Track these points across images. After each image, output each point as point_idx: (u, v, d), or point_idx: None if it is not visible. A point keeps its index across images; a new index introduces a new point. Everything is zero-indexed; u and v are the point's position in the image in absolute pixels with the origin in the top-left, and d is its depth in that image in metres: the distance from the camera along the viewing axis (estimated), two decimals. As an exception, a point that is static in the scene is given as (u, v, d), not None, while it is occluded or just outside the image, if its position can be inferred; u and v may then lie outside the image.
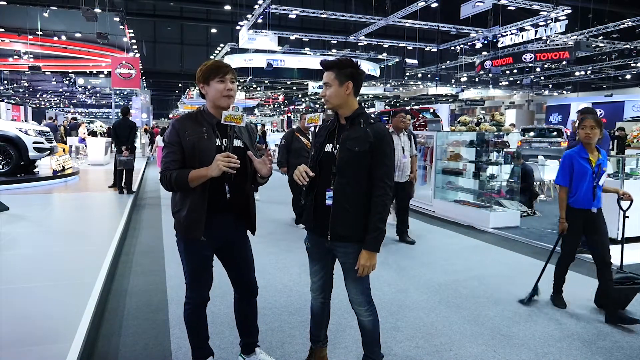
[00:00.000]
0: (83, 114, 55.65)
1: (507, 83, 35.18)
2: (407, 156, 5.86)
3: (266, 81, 34.47)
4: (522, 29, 20.32)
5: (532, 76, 29.80)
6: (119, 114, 10.08)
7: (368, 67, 27.55)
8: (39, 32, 21.51)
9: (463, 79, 32.89)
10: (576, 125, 5.57)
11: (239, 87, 35.38)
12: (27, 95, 43.29)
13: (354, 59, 2.34)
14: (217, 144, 2.29)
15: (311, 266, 2.52)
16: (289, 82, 36.29)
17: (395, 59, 30.13)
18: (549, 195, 9.80)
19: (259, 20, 20.65)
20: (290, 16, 21.42)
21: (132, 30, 23.05)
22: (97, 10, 16.04)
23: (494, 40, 21.66)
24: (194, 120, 2.31)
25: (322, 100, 2.34)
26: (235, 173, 2.22)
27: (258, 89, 39.46)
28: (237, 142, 2.35)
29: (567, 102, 26.57)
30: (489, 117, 7.63)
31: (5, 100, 29.97)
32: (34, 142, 9.80)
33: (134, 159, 8.86)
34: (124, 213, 6.78)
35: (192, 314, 2.45)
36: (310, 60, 26.01)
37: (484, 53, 25.16)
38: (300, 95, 42.35)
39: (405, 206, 6.12)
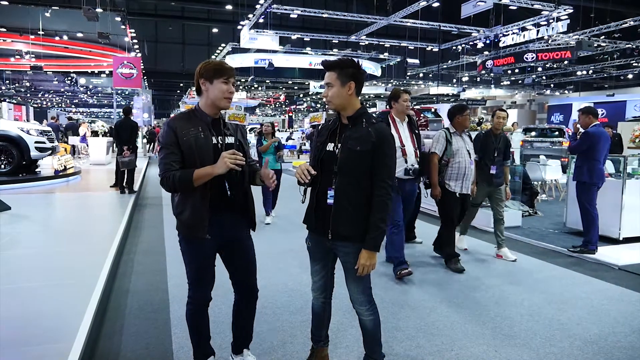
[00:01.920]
0: (85, 114, 55.78)
1: (508, 83, 35.16)
2: (473, 161, 4.75)
3: (267, 81, 34.51)
4: (523, 29, 20.29)
5: (534, 76, 29.76)
6: (121, 113, 10.09)
7: (368, 66, 27.52)
8: (41, 32, 21.53)
9: (464, 79, 32.91)
10: (577, 125, 5.56)
11: (241, 87, 35.42)
12: (28, 95, 43.41)
13: (355, 59, 2.34)
14: (213, 142, 2.30)
15: (312, 266, 2.52)
16: (290, 82, 36.30)
17: (396, 59, 30.15)
18: (550, 195, 9.78)
19: (261, 20, 20.65)
20: (291, 16, 21.42)
21: (133, 30, 23.04)
22: (99, 10, 16.02)
23: (496, 40, 21.65)
24: (187, 119, 2.32)
25: (324, 100, 2.34)
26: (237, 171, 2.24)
27: (259, 88, 39.47)
28: (230, 139, 2.37)
29: (569, 102, 26.39)
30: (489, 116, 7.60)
31: (7, 100, 29.96)
32: (36, 142, 9.82)
33: (135, 158, 8.87)
34: (126, 212, 6.78)
35: (195, 313, 2.45)
36: (304, 60, 26.02)
37: (486, 53, 25.15)
38: (301, 95, 42.36)
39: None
